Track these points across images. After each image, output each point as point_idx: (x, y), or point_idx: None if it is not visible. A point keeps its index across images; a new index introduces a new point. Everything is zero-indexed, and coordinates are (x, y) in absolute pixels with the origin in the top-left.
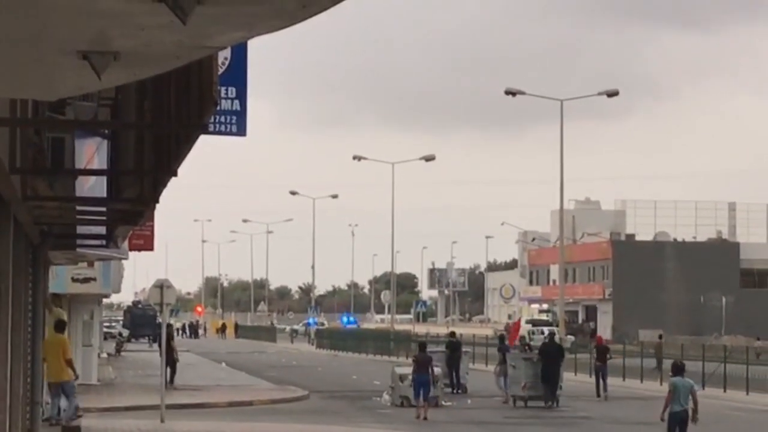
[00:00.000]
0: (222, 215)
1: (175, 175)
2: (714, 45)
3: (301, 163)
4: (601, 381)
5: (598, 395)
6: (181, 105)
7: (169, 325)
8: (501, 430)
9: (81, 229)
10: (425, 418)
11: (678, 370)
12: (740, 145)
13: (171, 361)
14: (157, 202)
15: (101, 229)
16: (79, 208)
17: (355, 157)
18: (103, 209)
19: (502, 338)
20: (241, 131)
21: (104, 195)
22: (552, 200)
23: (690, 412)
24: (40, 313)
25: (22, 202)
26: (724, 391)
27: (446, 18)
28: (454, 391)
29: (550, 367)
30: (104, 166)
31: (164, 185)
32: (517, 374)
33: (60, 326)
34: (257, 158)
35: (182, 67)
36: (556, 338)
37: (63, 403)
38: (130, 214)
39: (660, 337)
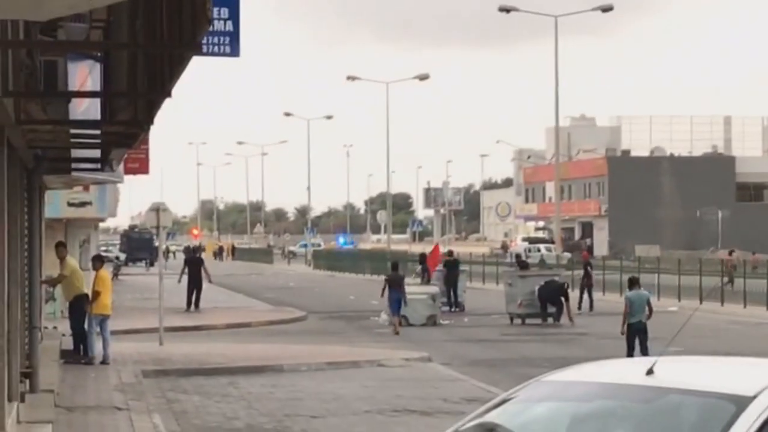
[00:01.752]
0: (217, 138)
1: (170, 96)
2: None
3: (295, 84)
4: (588, 296)
5: (579, 308)
6: (174, 25)
7: (196, 249)
8: (499, 347)
9: (76, 153)
10: (397, 333)
11: (632, 283)
12: (735, 58)
13: (198, 285)
14: (152, 123)
15: (96, 153)
16: (73, 131)
17: (349, 77)
18: (98, 132)
19: (422, 258)
20: (235, 52)
21: (98, 118)
22: (547, 117)
23: (645, 322)
24: (36, 238)
25: (16, 125)
26: (722, 305)
27: None
28: (452, 310)
29: (551, 294)
30: (97, 89)
31: (158, 107)
32: (514, 292)
33: (100, 259)
34: (251, 81)
35: None
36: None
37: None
38: (125, 136)
39: (730, 253)
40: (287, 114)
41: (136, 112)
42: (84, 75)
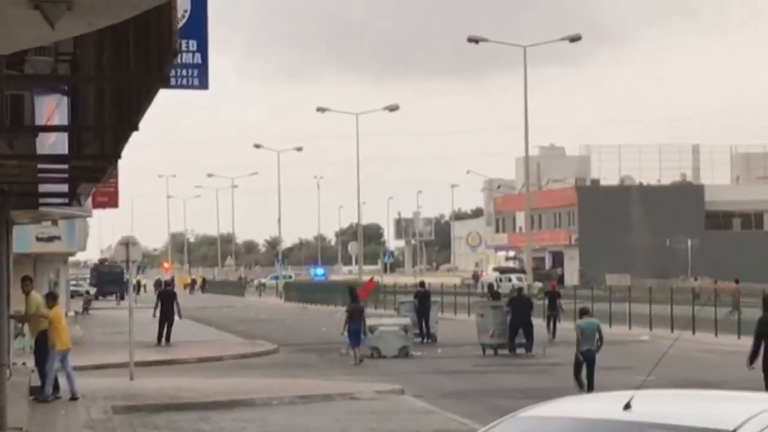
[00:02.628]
0: (186, 170)
1: (136, 129)
2: None
3: (265, 116)
4: (551, 325)
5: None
6: (141, 57)
7: (168, 283)
8: (472, 378)
9: (43, 188)
10: (361, 361)
11: (583, 313)
12: (702, 87)
13: (170, 318)
14: (119, 158)
15: (64, 187)
16: (40, 166)
17: (318, 109)
18: (65, 167)
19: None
20: (203, 84)
21: (65, 152)
22: (517, 147)
23: (594, 350)
24: (3, 274)
25: None
26: (693, 333)
27: None
28: (424, 341)
29: (522, 318)
30: (65, 123)
31: (126, 140)
32: (485, 323)
33: (53, 297)
34: (220, 113)
35: (140, 18)
36: (524, 291)
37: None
38: (93, 170)
39: (737, 281)
40: (257, 146)
41: (104, 146)
42: (51, 109)
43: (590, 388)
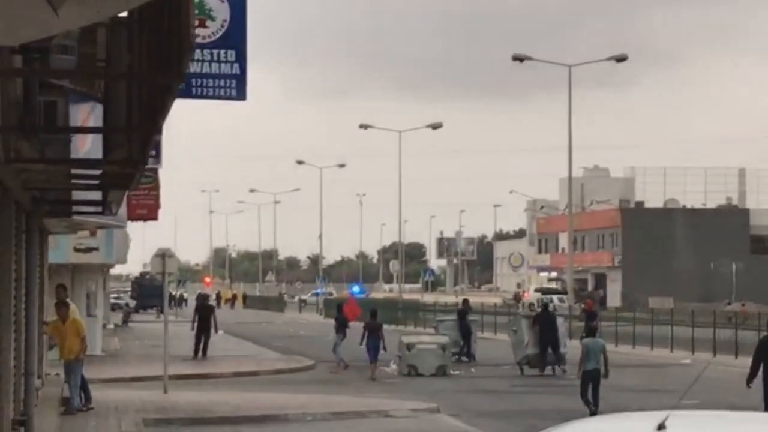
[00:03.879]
0: (229, 186)
1: (159, 132)
2: (719, 13)
3: (308, 132)
4: None
5: None
6: (157, 54)
7: (206, 297)
8: (508, 398)
9: (76, 196)
10: (373, 379)
11: (590, 332)
12: (749, 110)
13: (207, 332)
14: (146, 163)
15: (95, 195)
16: (73, 171)
17: (361, 126)
18: (95, 173)
19: (339, 308)
20: (241, 95)
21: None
22: (560, 168)
23: (602, 370)
24: (35, 282)
25: (5, 164)
26: (736, 357)
27: None
28: (463, 360)
29: (549, 335)
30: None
31: (150, 144)
32: (519, 336)
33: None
34: (264, 128)
35: (155, 13)
36: (550, 307)
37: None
38: (121, 177)
39: None
40: (300, 162)
41: (131, 150)
42: (85, 115)
43: (595, 406)
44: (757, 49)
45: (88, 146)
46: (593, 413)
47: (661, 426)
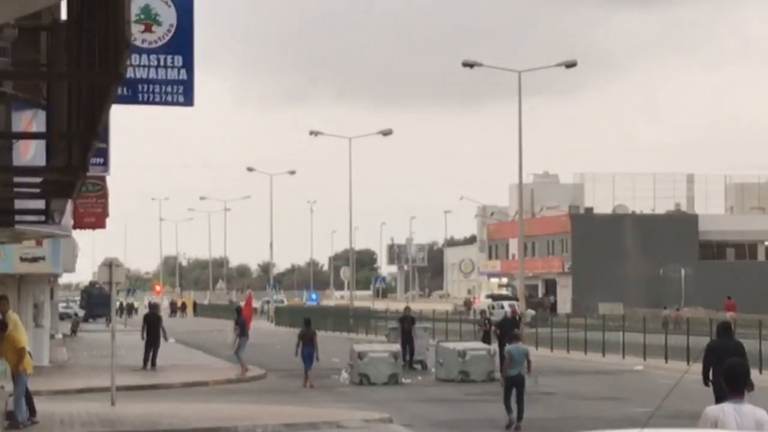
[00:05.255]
0: (179, 193)
1: (97, 137)
2: (665, 21)
3: (258, 139)
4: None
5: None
6: (96, 54)
7: (155, 306)
8: (462, 407)
9: (19, 204)
10: (311, 386)
11: (513, 338)
12: (696, 117)
13: (156, 342)
14: (87, 170)
15: (38, 203)
16: (15, 180)
17: (311, 133)
18: (36, 180)
19: (238, 310)
20: (188, 101)
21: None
22: (510, 174)
23: (524, 374)
24: None
25: None
26: (688, 363)
27: None
28: (411, 367)
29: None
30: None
31: (90, 150)
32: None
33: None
34: (213, 136)
35: (93, 12)
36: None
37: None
38: (62, 185)
39: (729, 297)
40: (250, 169)
41: (71, 157)
42: (27, 122)
43: (520, 412)
44: (702, 56)
45: (30, 154)
46: (519, 418)
47: None
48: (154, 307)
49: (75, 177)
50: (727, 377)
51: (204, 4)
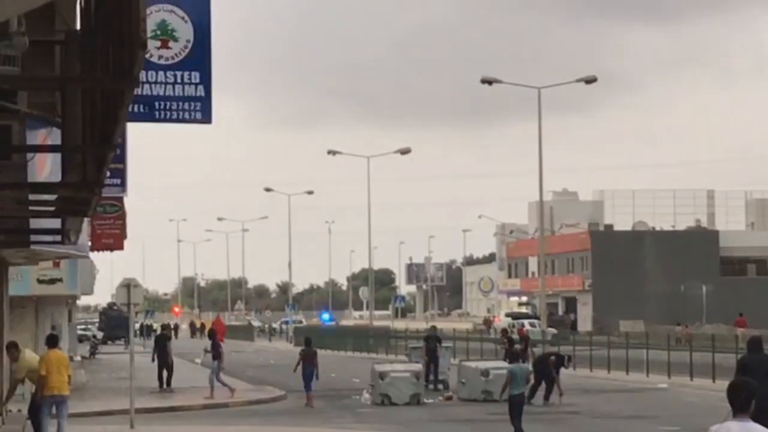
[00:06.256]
0: (197, 214)
1: (112, 150)
2: (681, 38)
3: (276, 159)
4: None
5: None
6: (110, 59)
7: (166, 327)
8: (485, 427)
9: (34, 224)
10: (312, 406)
11: (514, 358)
12: (715, 134)
13: (167, 363)
14: (102, 186)
15: (55, 223)
16: (30, 198)
17: (330, 152)
18: (51, 198)
19: (211, 334)
20: (206, 118)
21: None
22: (529, 192)
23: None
24: None
25: None
26: (713, 381)
27: (415, 15)
28: (434, 387)
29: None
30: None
31: (105, 163)
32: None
33: (53, 340)
34: (232, 157)
35: (107, 16)
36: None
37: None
38: (76, 202)
39: (741, 315)
40: (268, 189)
41: (86, 173)
42: (42, 139)
43: (517, 430)
44: (717, 74)
45: (46, 173)
46: None
47: None
48: (165, 328)
49: (90, 193)
50: (732, 396)
51: (222, 23)
